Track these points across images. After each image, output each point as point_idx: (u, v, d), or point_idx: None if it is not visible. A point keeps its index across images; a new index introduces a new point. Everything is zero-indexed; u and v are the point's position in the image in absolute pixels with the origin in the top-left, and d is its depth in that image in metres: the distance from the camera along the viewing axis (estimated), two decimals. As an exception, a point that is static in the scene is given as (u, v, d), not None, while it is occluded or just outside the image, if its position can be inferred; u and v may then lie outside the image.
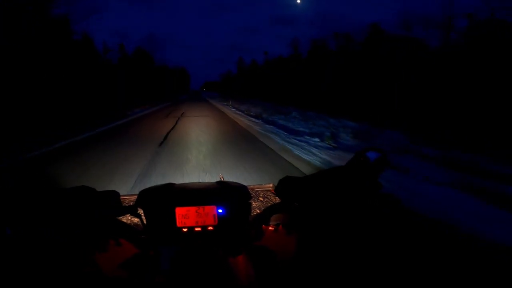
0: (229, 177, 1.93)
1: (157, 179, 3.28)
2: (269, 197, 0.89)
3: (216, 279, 0.57)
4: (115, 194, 0.63)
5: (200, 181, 1.89)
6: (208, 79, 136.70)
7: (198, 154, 4.59)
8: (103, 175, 3.48)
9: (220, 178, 1.14)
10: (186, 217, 0.60)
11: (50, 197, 0.57)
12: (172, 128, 7.76)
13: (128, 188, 2.99)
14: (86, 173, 3.61)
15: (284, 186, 0.67)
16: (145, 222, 0.61)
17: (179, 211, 0.59)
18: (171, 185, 0.66)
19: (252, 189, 0.90)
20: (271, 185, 1.06)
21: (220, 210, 0.61)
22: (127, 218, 0.73)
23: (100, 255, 0.61)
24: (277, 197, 0.86)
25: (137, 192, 0.64)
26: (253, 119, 10.54)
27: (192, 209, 0.60)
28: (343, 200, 0.59)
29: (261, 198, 0.86)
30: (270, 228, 0.71)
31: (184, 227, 0.60)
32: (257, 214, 0.68)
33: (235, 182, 0.69)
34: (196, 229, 0.60)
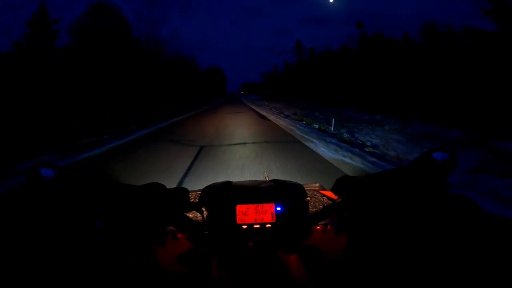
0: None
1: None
2: (316, 196, 0.90)
3: (271, 276, 0.57)
4: (184, 191, 0.65)
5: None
6: (246, 81, 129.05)
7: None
8: None
9: (265, 177, 1.09)
10: (245, 214, 0.61)
11: (129, 193, 0.60)
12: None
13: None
14: None
15: (342, 186, 0.67)
16: (206, 218, 0.64)
17: (240, 208, 0.61)
18: (229, 183, 0.68)
19: None
20: (317, 184, 1.09)
21: (278, 208, 0.62)
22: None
23: (158, 248, 0.64)
24: (324, 197, 0.88)
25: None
26: None
27: (252, 206, 0.62)
28: (406, 201, 0.56)
29: (308, 198, 0.79)
30: (318, 227, 0.70)
31: (244, 224, 0.61)
32: (315, 212, 0.68)
33: (291, 181, 0.70)
34: (255, 226, 0.61)
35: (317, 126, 8.86)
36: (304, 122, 10.29)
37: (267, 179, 0.88)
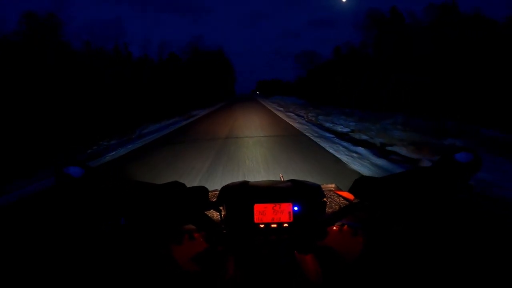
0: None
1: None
2: (332, 197, 0.89)
3: (287, 275, 0.56)
4: (203, 190, 0.66)
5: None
6: (260, 80, 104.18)
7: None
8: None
9: (280, 177, 1.10)
10: (263, 213, 0.62)
11: (152, 192, 0.62)
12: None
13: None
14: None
15: (360, 186, 0.66)
16: (223, 217, 0.65)
17: (257, 207, 0.62)
18: (247, 183, 0.69)
19: None
20: (333, 185, 1.06)
21: (295, 208, 0.62)
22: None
23: (175, 247, 0.65)
24: (340, 197, 0.88)
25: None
26: None
27: (269, 206, 0.62)
28: (427, 203, 0.55)
29: (324, 198, 0.81)
30: (334, 228, 0.70)
31: (261, 223, 0.62)
32: (331, 213, 0.69)
33: (308, 181, 0.70)
34: (272, 225, 0.62)
35: None
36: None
37: (282, 179, 0.87)
